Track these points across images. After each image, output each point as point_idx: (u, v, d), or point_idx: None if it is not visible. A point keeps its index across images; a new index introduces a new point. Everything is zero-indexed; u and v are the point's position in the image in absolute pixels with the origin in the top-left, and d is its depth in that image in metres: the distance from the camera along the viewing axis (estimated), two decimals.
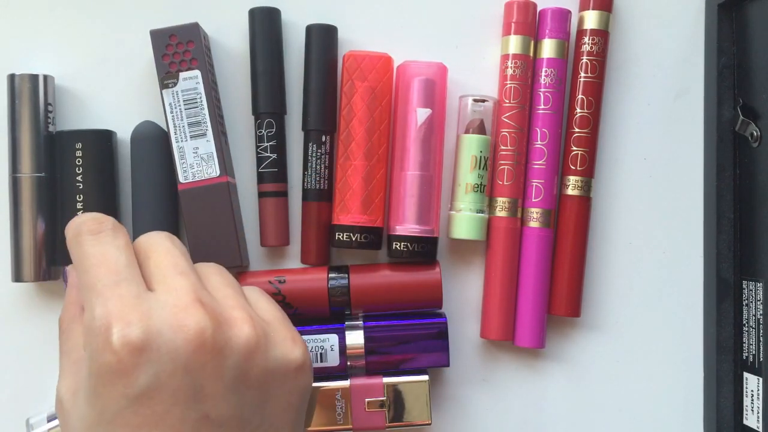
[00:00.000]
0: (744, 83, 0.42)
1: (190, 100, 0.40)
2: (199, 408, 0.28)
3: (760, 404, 0.40)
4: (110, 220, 0.32)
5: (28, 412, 0.42)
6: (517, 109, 0.42)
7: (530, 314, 0.42)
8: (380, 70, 0.41)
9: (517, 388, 0.44)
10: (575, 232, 0.42)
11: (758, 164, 0.40)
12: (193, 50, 0.40)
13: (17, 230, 0.41)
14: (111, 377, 0.28)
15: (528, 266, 0.42)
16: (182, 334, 0.28)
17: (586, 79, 0.42)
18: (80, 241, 0.31)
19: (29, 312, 0.43)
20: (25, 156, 0.41)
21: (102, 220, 0.32)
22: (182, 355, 0.28)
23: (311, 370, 0.34)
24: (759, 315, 0.40)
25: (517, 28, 0.42)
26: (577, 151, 0.42)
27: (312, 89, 0.41)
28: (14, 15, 0.43)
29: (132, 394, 0.28)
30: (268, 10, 0.42)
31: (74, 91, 0.43)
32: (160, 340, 0.28)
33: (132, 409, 0.28)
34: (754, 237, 0.41)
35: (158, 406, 0.28)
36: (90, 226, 0.31)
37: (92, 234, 0.31)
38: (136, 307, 0.28)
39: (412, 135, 0.41)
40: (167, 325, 0.28)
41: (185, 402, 0.28)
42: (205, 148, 0.40)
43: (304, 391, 0.33)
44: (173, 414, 0.28)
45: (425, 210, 0.41)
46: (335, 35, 0.42)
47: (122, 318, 0.28)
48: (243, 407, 0.30)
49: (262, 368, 0.30)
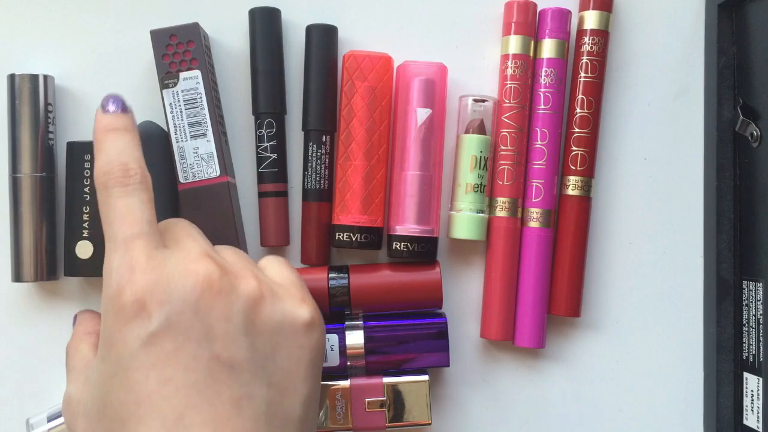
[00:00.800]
0: (744, 83, 0.42)
1: (191, 100, 0.40)
2: (210, 347, 0.30)
3: (760, 404, 0.40)
4: (138, 172, 0.33)
5: (28, 412, 0.42)
6: (517, 109, 0.42)
7: (530, 314, 0.42)
8: (380, 70, 0.41)
9: (517, 388, 0.44)
10: (575, 232, 0.42)
11: (758, 164, 0.40)
12: (193, 50, 0.40)
13: (17, 230, 0.41)
14: (126, 320, 0.29)
15: (528, 266, 0.42)
16: (192, 278, 0.30)
17: (587, 79, 0.42)
18: (109, 192, 0.32)
19: (29, 312, 0.43)
20: (25, 156, 0.41)
21: (131, 171, 0.32)
22: (191, 296, 0.30)
23: (323, 330, 0.34)
24: (759, 315, 0.40)
25: (517, 28, 0.42)
26: (577, 151, 0.42)
27: (312, 89, 0.41)
28: (14, 15, 0.43)
29: (145, 334, 0.29)
30: (268, 10, 0.42)
31: (74, 91, 0.43)
32: (172, 285, 0.30)
33: (145, 350, 0.29)
34: (754, 237, 0.41)
35: (169, 344, 0.29)
36: (119, 177, 0.32)
37: (121, 186, 0.32)
38: (151, 258, 0.30)
39: (412, 135, 0.41)
40: (178, 272, 0.30)
41: (197, 341, 0.29)
42: (206, 148, 0.40)
43: (317, 347, 0.33)
44: (185, 352, 0.29)
45: (425, 210, 0.41)
46: (335, 35, 0.42)
47: (138, 267, 0.30)
48: (253, 352, 0.31)
49: (270, 317, 0.32)
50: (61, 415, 0.40)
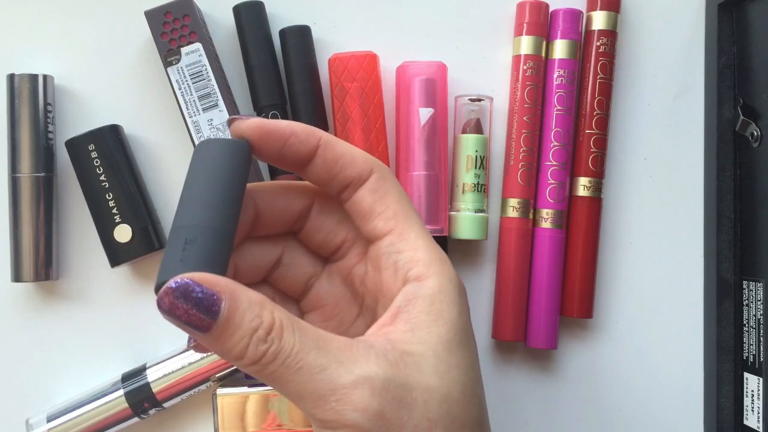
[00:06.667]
0: (744, 83, 0.42)
1: (196, 73, 0.40)
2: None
3: (761, 404, 0.40)
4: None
5: (28, 412, 0.42)
6: (533, 109, 0.42)
7: (543, 316, 0.42)
8: (367, 69, 0.41)
9: (528, 388, 0.43)
10: (587, 233, 0.42)
11: (758, 164, 0.40)
12: (190, 24, 0.40)
13: (17, 230, 0.41)
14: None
15: (540, 268, 0.42)
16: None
17: (602, 80, 0.42)
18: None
19: (29, 312, 0.43)
20: (25, 156, 0.41)
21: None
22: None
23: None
24: (759, 315, 0.40)
25: (530, 29, 0.42)
26: (596, 152, 0.42)
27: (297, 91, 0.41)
28: (14, 15, 0.43)
29: None
30: (253, 4, 0.41)
31: (74, 91, 0.43)
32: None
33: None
34: (754, 237, 0.41)
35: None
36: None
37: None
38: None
39: (416, 135, 0.40)
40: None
41: None
42: (220, 118, 0.40)
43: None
44: None
45: (433, 209, 0.41)
46: (310, 36, 0.42)
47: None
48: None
49: None
50: (61, 415, 0.40)
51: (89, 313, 0.43)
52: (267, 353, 0.25)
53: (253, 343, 0.25)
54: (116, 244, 0.40)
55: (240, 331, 0.25)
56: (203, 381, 0.41)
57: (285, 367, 0.25)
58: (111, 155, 0.40)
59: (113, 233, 0.40)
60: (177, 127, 0.42)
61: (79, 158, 0.40)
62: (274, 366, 0.25)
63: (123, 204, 0.40)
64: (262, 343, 0.25)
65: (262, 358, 0.25)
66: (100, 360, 0.43)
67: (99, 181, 0.40)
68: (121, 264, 0.41)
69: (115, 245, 0.40)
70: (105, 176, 0.40)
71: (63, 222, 0.43)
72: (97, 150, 0.40)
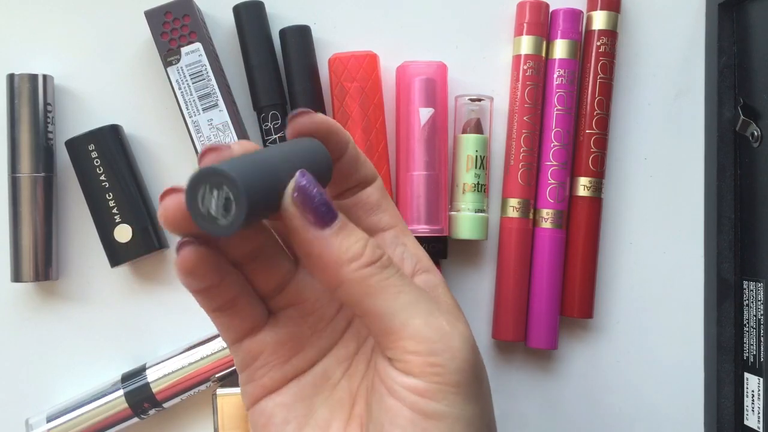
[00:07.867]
0: (744, 83, 0.42)
1: (196, 73, 0.40)
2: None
3: (761, 404, 0.40)
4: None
5: (28, 412, 0.42)
6: (533, 109, 0.42)
7: (544, 316, 0.42)
8: (367, 69, 0.41)
9: (528, 389, 0.43)
10: (587, 233, 0.42)
11: (759, 164, 0.40)
12: (190, 24, 0.40)
13: (17, 230, 0.41)
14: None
15: (541, 268, 0.42)
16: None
17: (602, 80, 0.42)
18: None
19: (29, 312, 0.43)
20: (25, 156, 0.41)
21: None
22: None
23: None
24: (759, 315, 0.40)
25: (530, 29, 0.42)
26: (596, 152, 0.42)
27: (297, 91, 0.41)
28: (14, 15, 0.43)
29: None
30: (253, 3, 0.41)
31: (74, 91, 0.43)
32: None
33: None
34: (754, 237, 0.41)
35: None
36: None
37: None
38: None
39: (416, 135, 0.40)
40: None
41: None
42: (219, 118, 0.40)
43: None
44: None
45: (433, 209, 0.41)
46: (310, 36, 0.42)
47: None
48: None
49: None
50: (60, 416, 0.40)
51: (89, 313, 0.43)
52: (383, 257, 0.25)
53: (370, 245, 0.25)
54: (116, 244, 0.40)
55: (357, 232, 0.25)
56: (203, 381, 0.41)
57: (399, 276, 0.25)
58: (111, 155, 0.41)
59: (113, 233, 0.40)
60: (177, 127, 0.42)
61: (79, 158, 0.41)
62: (388, 272, 0.25)
63: (123, 204, 0.40)
64: (378, 249, 0.25)
65: (379, 259, 0.25)
66: (100, 360, 0.43)
67: (99, 181, 0.40)
68: (121, 264, 0.41)
69: (115, 245, 0.40)
70: (105, 176, 0.40)
71: (63, 222, 0.43)
72: (97, 150, 0.40)
